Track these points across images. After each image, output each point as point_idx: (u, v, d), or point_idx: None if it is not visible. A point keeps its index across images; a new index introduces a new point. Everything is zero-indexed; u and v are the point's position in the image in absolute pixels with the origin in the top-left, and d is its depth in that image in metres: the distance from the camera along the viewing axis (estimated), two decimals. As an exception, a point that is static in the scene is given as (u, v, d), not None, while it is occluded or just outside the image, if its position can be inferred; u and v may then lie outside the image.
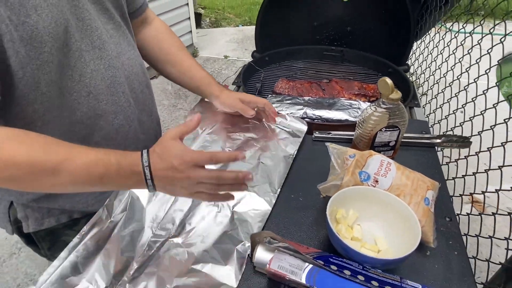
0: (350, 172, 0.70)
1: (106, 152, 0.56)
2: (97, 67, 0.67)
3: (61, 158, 0.52)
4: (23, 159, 0.51)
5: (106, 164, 0.54)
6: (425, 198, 0.68)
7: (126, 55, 0.75)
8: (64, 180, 0.54)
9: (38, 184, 0.56)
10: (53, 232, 0.80)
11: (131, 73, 0.77)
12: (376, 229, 0.67)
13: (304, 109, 1.05)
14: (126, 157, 0.56)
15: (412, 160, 0.86)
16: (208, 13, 4.90)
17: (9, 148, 0.50)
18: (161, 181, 0.56)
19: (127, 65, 0.75)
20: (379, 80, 0.77)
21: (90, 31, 0.65)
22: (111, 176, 0.55)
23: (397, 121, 0.79)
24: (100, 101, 0.69)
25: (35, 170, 0.52)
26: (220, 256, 0.63)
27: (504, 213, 0.85)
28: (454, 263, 0.64)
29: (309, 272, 0.55)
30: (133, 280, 0.59)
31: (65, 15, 0.58)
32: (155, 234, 0.67)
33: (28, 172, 0.52)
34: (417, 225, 0.60)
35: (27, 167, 0.51)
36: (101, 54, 0.67)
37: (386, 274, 0.56)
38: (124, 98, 0.74)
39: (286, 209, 0.75)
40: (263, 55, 1.38)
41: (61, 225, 0.79)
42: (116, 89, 0.72)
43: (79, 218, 0.80)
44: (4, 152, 0.50)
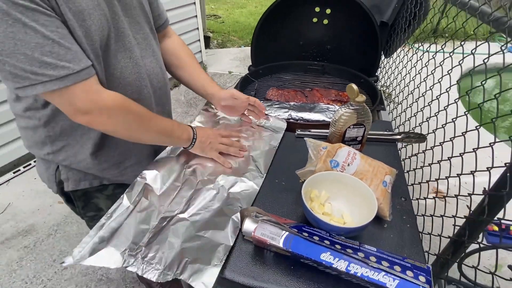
0: (322, 160, 0.73)
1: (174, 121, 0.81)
2: (126, 64, 0.73)
3: (154, 115, 0.74)
4: (137, 109, 0.70)
5: (175, 125, 0.78)
6: (383, 181, 0.71)
7: (149, 58, 0.80)
8: (153, 129, 0.74)
9: (138, 129, 0.72)
10: (86, 193, 0.86)
11: (152, 72, 0.81)
12: (343, 206, 0.70)
13: (289, 112, 1.08)
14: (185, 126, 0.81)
15: (377, 153, 0.87)
16: (215, 36, 4.95)
17: (130, 103, 0.68)
18: (199, 141, 0.82)
19: (149, 66, 0.80)
20: (347, 86, 0.80)
21: (123, 37, 0.71)
22: (175, 132, 0.78)
23: (362, 119, 0.82)
24: (127, 90, 0.74)
25: (141, 119, 0.71)
26: (219, 224, 0.66)
27: (451, 196, 0.87)
28: (406, 234, 0.66)
29: (286, 238, 0.57)
30: (148, 245, 0.61)
31: (108, 23, 0.66)
32: (166, 211, 0.69)
33: (138, 118, 0.70)
34: (375, 202, 0.63)
35: (138, 115, 0.70)
36: (130, 55, 0.73)
37: (348, 240, 0.58)
38: (146, 90, 0.80)
39: (272, 191, 0.77)
40: (257, 69, 1.40)
41: (93, 188, 0.85)
42: (140, 82, 0.77)
43: (107, 185, 0.86)
44: (130, 105, 0.68)
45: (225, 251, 0.59)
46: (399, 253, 0.58)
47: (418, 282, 0.50)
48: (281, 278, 0.57)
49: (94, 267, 1.51)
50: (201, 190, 0.75)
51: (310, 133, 0.97)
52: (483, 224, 0.74)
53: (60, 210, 1.81)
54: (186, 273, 0.55)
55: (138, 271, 0.55)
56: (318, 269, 0.57)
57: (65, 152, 0.77)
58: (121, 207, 0.69)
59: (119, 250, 0.59)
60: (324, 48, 1.48)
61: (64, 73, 0.57)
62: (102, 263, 0.56)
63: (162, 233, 0.63)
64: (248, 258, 0.61)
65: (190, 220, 0.67)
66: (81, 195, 0.85)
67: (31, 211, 1.80)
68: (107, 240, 0.61)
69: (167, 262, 0.57)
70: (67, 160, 0.78)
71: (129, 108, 0.68)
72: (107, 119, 0.66)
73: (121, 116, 0.67)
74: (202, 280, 0.53)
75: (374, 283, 0.51)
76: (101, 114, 0.64)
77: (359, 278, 0.52)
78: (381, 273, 0.51)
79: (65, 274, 1.48)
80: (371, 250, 0.56)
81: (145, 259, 0.57)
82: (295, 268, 0.59)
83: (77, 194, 0.85)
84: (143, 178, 0.76)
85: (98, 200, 0.88)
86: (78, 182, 0.82)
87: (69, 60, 0.57)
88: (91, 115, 0.63)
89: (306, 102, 1.18)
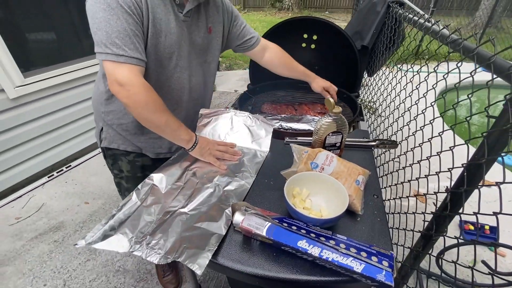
0: (303, 162, 0.74)
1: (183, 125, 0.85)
2: (176, 79, 0.88)
3: (168, 111, 0.79)
4: (157, 99, 0.77)
5: (182, 126, 0.83)
6: (356, 180, 0.71)
7: (195, 77, 0.94)
8: (163, 118, 0.78)
9: (152, 112, 0.77)
10: (114, 154, 1.01)
11: (195, 88, 0.95)
12: (321, 201, 0.70)
13: (280, 122, 1.10)
14: (191, 132, 0.86)
15: (355, 157, 0.88)
16: (224, 60, 5.06)
17: (154, 93, 0.76)
18: (199, 147, 0.86)
19: (193, 83, 0.94)
20: (325, 100, 0.82)
21: (182, 61, 0.87)
22: (180, 131, 0.82)
23: (340, 128, 0.83)
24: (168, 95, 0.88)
25: (157, 106, 0.77)
26: (214, 217, 0.67)
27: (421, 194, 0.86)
28: (376, 227, 0.66)
29: (268, 228, 0.58)
30: (152, 233, 0.62)
31: (175, 47, 0.83)
32: (169, 207, 0.71)
33: (154, 105, 0.76)
34: (347, 198, 0.64)
35: (156, 102, 0.76)
36: (181, 75, 0.89)
37: (322, 230, 0.59)
38: (185, 97, 0.94)
39: (261, 189, 0.79)
40: (255, 86, 1.43)
41: (119, 151, 0.99)
42: (180, 96, 0.92)
43: (130, 152, 0.99)
44: (154, 94, 0.76)
45: (217, 239, 0.61)
46: (370, 243, 0.58)
47: (382, 266, 0.50)
48: (265, 263, 0.58)
49: (113, 259, 1.52)
50: (200, 188, 0.77)
51: (297, 140, 0.98)
52: (448, 219, 0.73)
53: (86, 210, 1.83)
54: (183, 257, 0.56)
55: (143, 255, 0.57)
56: (297, 255, 0.58)
57: (112, 114, 0.92)
58: (130, 202, 0.70)
59: (126, 237, 0.60)
60: (312, 68, 1.47)
61: (121, 53, 0.70)
62: (111, 247, 0.58)
63: (164, 224, 0.65)
64: (237, 246, 0.62)
65: (189, 213, 0.69)
66: (111, 154, 1.01)
67: (61, 210, 1.84)
68: (117, 228, 0.63)
69: (168, 248, 0.58)
70: (112, 120, 0.93)
71: (152, 95, 0.76)
72: (132, 95, 0.73)
73: (143, 96, 0.74)
74: (196, 262, 0.54)
75: (343, 267, 0.51)
76: (129, 89, 0.73)
77: (331, 262, 0.52)
78: (349, 258, 0.52)
79: (87, 265, 1.49)
80: (342, 238, 0.57)
81: (149, 245, 0.59)
82: (277, 255, 0.59)
83: (108, 153, 1.01)
84: (151, 180, 0.78)
85: (122, 163, 1.02)
86: (111, 142, 0.97)
87: (130, 48, 0.71)
88: (122, 87, 0.72)
89: (295, 114, 1.20)
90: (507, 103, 0.51)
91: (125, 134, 0.95)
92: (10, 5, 1.73)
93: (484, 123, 2.81)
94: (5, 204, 1.88)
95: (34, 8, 1.85)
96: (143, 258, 0.57)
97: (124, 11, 0.69)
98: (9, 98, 1.75)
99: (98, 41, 0.70)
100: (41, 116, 1.97)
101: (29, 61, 1.87)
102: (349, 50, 1.34)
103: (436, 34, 0.85)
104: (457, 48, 0.73)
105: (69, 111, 2.14)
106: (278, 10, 9.96)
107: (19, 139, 1.88)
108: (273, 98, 1.42)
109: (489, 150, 0.57)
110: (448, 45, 0.78)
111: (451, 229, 0.78)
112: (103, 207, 1.86)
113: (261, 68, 1.49)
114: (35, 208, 1.85)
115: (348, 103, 1.30)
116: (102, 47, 0.70)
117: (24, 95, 1.82)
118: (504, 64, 0.54)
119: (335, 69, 1.46)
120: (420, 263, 0.88)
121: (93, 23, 0.70)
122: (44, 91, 1.93)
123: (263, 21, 8.66)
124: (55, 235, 1.66)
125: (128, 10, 0.69)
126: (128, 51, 0.71)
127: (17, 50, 1.76)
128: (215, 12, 0.92)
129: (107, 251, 1.54)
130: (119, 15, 0.69)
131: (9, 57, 1.71)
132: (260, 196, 0.76)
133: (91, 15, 0.70)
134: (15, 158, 1.90)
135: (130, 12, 0.70)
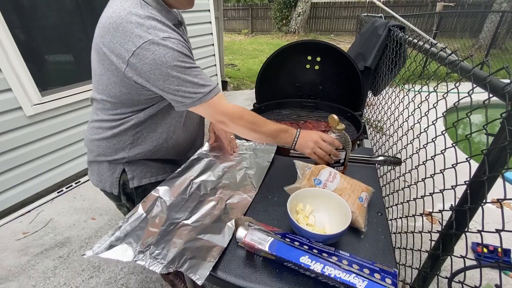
0: (306, 178, 0.76)
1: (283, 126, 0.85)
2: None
3: (265, 122, 0.81)
4: (251, 117, 0.79)
5: (283, 130, 0.83)
6: (360, 197, 0.72)
7: None
8: (263, 133, 0.80)
9: (253, 129, 0.79)
10: (145, 189, 0.90)
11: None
12: (325, 217, 0.71)
13: (284, 140, 1.12)
14: (291, 131, 0.84)
15: (358, 175, 0.89)
16: (232, 81, 5.22)
17: (245, 111, 0.79)
18: (301, 142, 0.83)
19: None
20: (329, 117, 0.84)
21: None
22: (281, 138, 0.82)
23: (344, 144, 0.85)
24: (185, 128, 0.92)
25: (254, 124, 0.79)
26: (216, 229, 0.68)
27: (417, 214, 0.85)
28: (380, 244, 0.66)
29: (271, 243, 0.59)
30: (156, 243, 0.64)
31: None
32: (173, 218, 0.72)
33: (250, 124, 0.78)
34: (350, 214, 0.64)
35: (251, 121, 0.78)
36: None
37: (324, 246, 0.59)
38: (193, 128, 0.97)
39: (265, 205, 0.79)
40: (260, 105, 1.47)
41: (150, 184, 0.91)
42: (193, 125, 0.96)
43: (160, 181, 0.91)
44: (249, 114, 0.79)
45: (219, 251, 0.61)
46: (374, 260, 0.57)
47: (385, 284, 0.50)
48: (267, 279, 0.58)
49: (116, 277, 1.51)
50: (204, 201, 0.79)
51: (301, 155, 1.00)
52: (454, 238, 0.72)
53: (92, 226, 1.85)
54: (185, 266, 0.57)
55: (146, 264, 0.57)
56: (299, 272, 0.58)
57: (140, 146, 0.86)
58: (136, 214, 0.72)
59: (131, 247, 0.62)
60: (317, 88, 1.55)
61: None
62: (116, 257, 0.59)
63: (168, 235, 0.66)
64: (239, 261, 0.62)
65: (192, 225, 0.70)
66: (141, 192, 0.91)
67: (68, 225, 1.85)
68: (122, 239, 0.64)
69: (170, 258, 0.59)
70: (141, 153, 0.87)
71: (243, 115, 0.78)
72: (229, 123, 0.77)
73: (238, 121, 0.77)
74: (197, 273, 0.55)
75: (346, 284, 0.51)
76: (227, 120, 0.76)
77: (333, 279, 0.52)
78: (352, 274, 0.52)
79: (91, 283, 1.48)
80: (344, 254, 0.57)
81: (152, 255, 0.60)
82: (280, 271, 0.59)
83: (138, 191, 0.91)
84: (156, 192, 0.80)
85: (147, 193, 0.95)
86: (141, 179, 0.90)
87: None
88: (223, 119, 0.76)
89: (300, 132, 1.22)
90: (504, 121, 0.53)
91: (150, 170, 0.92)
92: (32, 29, 1.87)
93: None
94: (13, 218, 1.91)
95: (54, 31, 1.99)
96: (146, 267, 0.58)
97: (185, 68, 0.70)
98: (26, 116, 1.84)
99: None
100: (55, 133, 2.05)
101: (47, 81, 1.98)
102: (352, 71, 1.38)
103: (435, 55, 0.88)
104: (455, 69, 0.76)
105: (81, 128, 2.22)
106: (284, 34, 10.34)
107: (32, 155, 1.95)
108: (278, 117, 1.45)
109: (490, 167, 0.58)
110: (446, 66, 0.81)
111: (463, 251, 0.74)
112: (109, 223, 1.87)
113: (267, 88, 1.55)
114: (43, 223, 1.87)
115: (352, 121, 1.32)
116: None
117: (41, 113, 1.91)
118: (499, 84, 0.56)
119: (338, 89, 1.50)
120: (429, 285, 0.85)
121: None
122: (59, 109, 2.03)
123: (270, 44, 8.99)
124: (61, 251, 1.66)
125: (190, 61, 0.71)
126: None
127: (36, 70, 1.87)
128: None
129: (111, 268, 1.54)
130: None
131: (29, 76, 1.82)
132: (264, 211, 0.77)
133: None
134: (27, 173, 1.96)
135: None
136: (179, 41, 0.67)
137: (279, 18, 10.66)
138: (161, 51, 0.63)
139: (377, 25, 1.70)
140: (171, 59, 0.64)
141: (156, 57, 0.63)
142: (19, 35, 1.78)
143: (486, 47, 5.90)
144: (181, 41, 0.69)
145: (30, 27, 1.85)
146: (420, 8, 9.24)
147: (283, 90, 1.56)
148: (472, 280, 1.11)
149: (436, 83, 0.92)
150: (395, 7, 9.03)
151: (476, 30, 6.90)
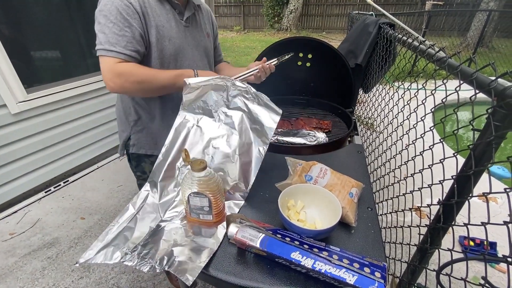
0: (297, 174, 0.76)
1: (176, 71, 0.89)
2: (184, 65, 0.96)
3: (155, 73, 0.85)
4: (145, 71, 0.83)
5: (177, 76, 0.86)
6: (350, 192, 0.73)
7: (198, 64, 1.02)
8: (158, 85, 0.85)
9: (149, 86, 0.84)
10: (139, 156, 1.07)
11: None
12: (315, 213, 0.71)
13: (277, 136, 1.12)
14: (188, 73, 0.89)
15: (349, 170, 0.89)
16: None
17: (139, 68, 0.82)
18: (202, 74, 0.88)
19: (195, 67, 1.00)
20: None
21: (188, 59, 0.97)
22: (178, 83, 0.86)
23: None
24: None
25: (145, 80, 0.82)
26: (207, 230, 0.67)
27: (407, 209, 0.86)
28: (370, 238, 0.66)
29: (262, 239, 0.59)
30: (144, 244, 0.63)
31: (181, 47, 0.93)
32: (163, 219, 0.71)
33: (141, 81, 0.81)
34: (340, 210, 0.64)
35: (147, 76, 0.82)
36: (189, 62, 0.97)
37: (315, 241, 0.59)
38: None
39: (257, 201, 0.79)
40: (252, 102, 1.47)
41: (143, 155, 1.06)
42: None
43: (152, 154, 1.05)
44: (141, 70, 0.82)
45: (209, 253, 0.61)
46: (364, 255, 0.58)
47: (374, 277, 0.51)
48: (259, 276, 0.58)
49: (107, 277, 1.49)
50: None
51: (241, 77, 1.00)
52: (441, 231, 0.73)
53: (82, 225, 1.81)
54: (173, 267, 0.56)
55: (133, 264, 0.56)
56: (291, 268, 0.58)
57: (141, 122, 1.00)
58: (127, 213, 0.71)
59: (118, 248, 0.61)
60: (308, 85, 1.55)
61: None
62: (105, 260, 0.58)
63: (157, 235, 0.65)
64: (231, 259, 0.62)
65: (182, 226, 0.69)
66: (136, 157, 1.07)
67: (57, 225, 1.81)
68: (111, 241, 0.63)
69: (158, 258, 0.58)
70: (141, 126, 1.01)
71: (129, 78, 0.81)
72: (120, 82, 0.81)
73: (125, 84, 0.81)
74: (186, 273, 0.54)
75: (336, 279, 0.51)
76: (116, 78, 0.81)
77: (324, 274, 0.52)
78: (342, 269, 0.52)
79: (80, 283, 1.45)
80: (335, 249, 0.57)
81: (140, 255, 0.59)
82: (271, 267, 0.59)
83: (133, 155, 1.07)
84: (147, 190, 0.79)
85: (145, 164, 1.08)
86: (139, 148, 1.05)
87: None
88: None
89: (291, 129, 1.23)
90: (489, 117, 0.54)
91: (146, 142, 1.04)
92: (17, 24, 1.81)
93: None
94: (0, 219, 1.86)
95: (40, 27, 1.93)
96: (134, 268, 0.57)
97: (125, 17, 0.79)
98: (10, 113, 1.78)
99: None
100: (42, 131, 1.99)
101: (33, 77, 1.92)
102: (343, 68, 1.39)
103: (424, 52, 0.89)
104: (443, 66, 0.77)
105: (69, 127, 2.16)
106: (276, 31, 10.32)
107: (19, 154, 1.90)
108: (270, 114, 1.45)
109: (476, 162, 0.59)
110: (434, 63, 0.82)
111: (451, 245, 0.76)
112: (99, 223, 1.84)
113: (259, 86, 1.54)
114: (30, 223, 1.83)
115: (343, 118, 1.33)
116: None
117: (26, 110, 1.86)
118: (485, 80, 0.57)
119: (329, 86, 1.51)
120: (418, 278, 0.87)
121: None
122: (46, 107, 1.97)
123: (262, 41, 8.95)
124: (49, 252, 1.63)
125: (127, 16, 0.80)
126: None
127: (21, 67, 1.81)
128: (206, 21, 1.07)
129: (101, 268, 1.51)
130: None
131: (13, 73, 1.76)
132: (256, 208, 0.77)
133: None
134: (13, 172, 1.90)
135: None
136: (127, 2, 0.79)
137: (271, 15, 10.63)
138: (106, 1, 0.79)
139: (368, 22, 1.70)
140: (105, 8, 0.78)
141: (102, 3, 0.79)
142: (3, 31, 1.72)
143: (473, 45, 6.03)
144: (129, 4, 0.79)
145: (15, 22, 1.79)
146: (409, 6, 9.37)
147: (274, 87, 1.56)
148: (459, 273, 1.14)
149: (424, 80, 0.94)
150: (385, 5, 9.13)
151: (464, 28, 7.05)
